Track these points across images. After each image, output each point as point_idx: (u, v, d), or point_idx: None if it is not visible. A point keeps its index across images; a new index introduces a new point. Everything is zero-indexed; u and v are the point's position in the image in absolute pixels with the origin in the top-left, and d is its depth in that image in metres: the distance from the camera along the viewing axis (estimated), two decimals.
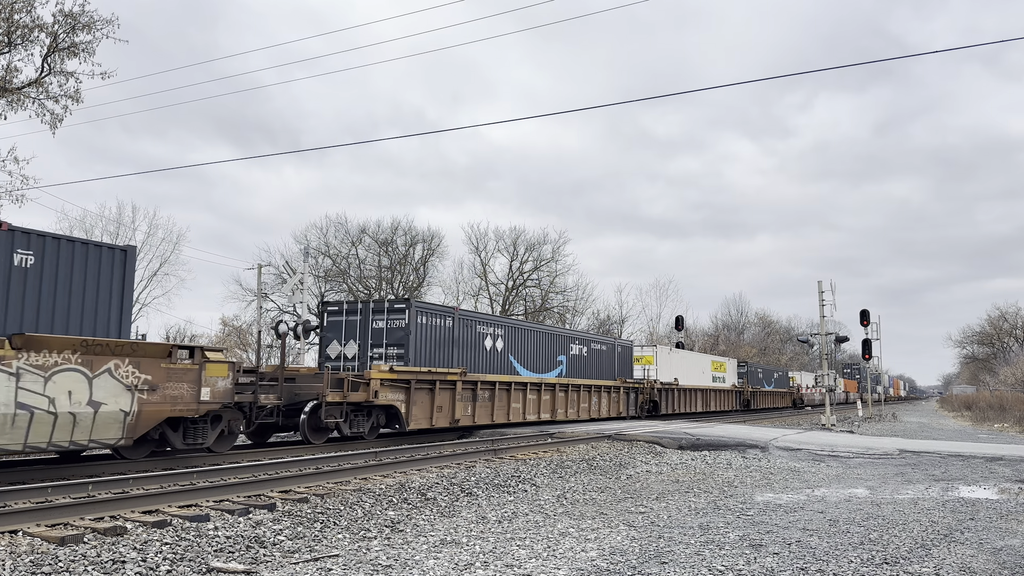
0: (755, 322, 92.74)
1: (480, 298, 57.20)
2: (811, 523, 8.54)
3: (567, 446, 17.21)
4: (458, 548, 7.10)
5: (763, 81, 26.43)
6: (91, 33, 22.89)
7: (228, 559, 6.49)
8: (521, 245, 57.07)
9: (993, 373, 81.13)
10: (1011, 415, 41.15)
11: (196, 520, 7.77)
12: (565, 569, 6.33)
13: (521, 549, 7.09)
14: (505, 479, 11.75)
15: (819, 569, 6.35)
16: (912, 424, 38.47)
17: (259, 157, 45.38)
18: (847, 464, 15.21)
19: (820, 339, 34.75)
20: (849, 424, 33.65)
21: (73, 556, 6.24)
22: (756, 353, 78.22)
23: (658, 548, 7.16)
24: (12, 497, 8.62)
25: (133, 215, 45.80)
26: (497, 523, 8.48)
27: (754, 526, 8.34)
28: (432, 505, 9.55)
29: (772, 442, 18.03)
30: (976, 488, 11.88)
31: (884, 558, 6.82)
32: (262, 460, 13.41)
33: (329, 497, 9.52)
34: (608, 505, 9.89)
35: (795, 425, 30.85)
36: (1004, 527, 8.48)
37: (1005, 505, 10.11)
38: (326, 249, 52.82)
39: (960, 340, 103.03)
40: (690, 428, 21.88)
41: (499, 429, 21.72)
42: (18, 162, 23.07)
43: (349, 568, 6.23)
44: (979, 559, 6.85)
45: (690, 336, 69.91)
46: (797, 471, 14.02)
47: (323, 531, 7.78)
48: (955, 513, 9.41)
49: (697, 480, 12.56)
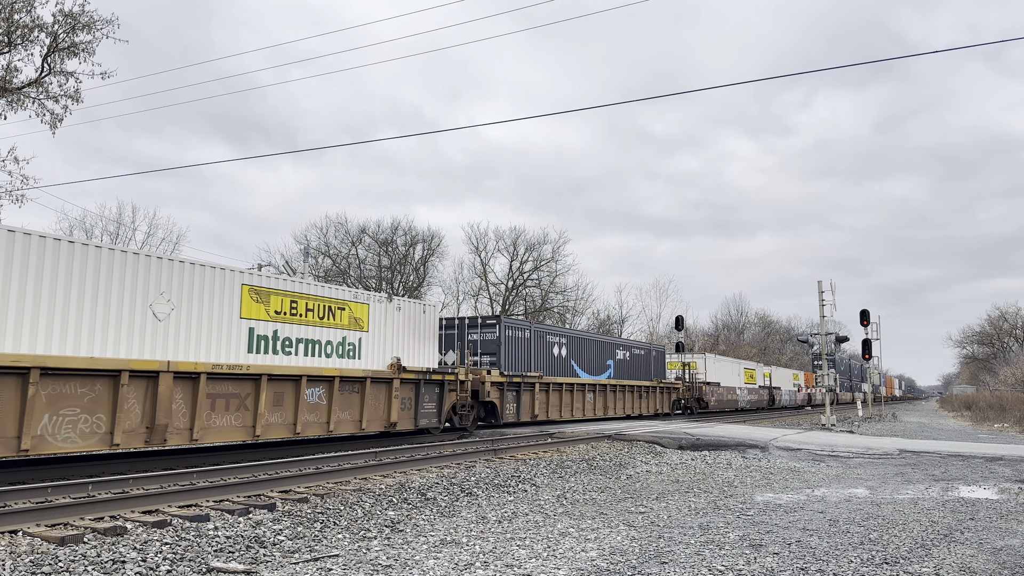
0: (755, 322, 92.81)
1: (480, 298, 57.24)
2: (811, 523, 8.54)
3: (567, 446, 17.21)
4: (458, 548, 7.10)
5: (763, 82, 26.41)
6: (91, 33, 22.94)
7: (228, 559, 6.49)
8: (521, 245, 57.14)
9: (993, 373, 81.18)
10: (1011, 415, 41.16)
11: (196, 520, 7.77)
12: (565, 569, 6.33)
13: (521, 549, 7.09)
14: (505, 479, 11.76)
15: (819, 569, 6.35)
16: (912, 424, 38.47)
17: (257, 157, 45.23)
18: (847, 464, 15.21)
19: (820, 339, 34.75)
20: (849, 424, 33.65)
21: (73, 556, 6.24)
22: (756, 353, 78.22)
23: (658, 548, 7.16)
24: (12, 497, 8.63)
25: (133, 215, 45.68)
26: (497, 523, 8.48)
27: (754, 526, 8.34)
28: (432, 505, 9.55)
29: (772, 442, 18.03)
30: (976, 488, 11.88)
31: (884, 558, 6.82)
32: (262, 460, 13.41)
33: (329, 497, 9.52)
34: (608, 505, 9.89)
35: (795, 425, 30.85)
36: (1004, 527, 8.48)
37: (1005, 505, 10.11)
38: (326, 249, 52.87)
39: (960, 340, 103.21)
40: (690, 428, 21.89)
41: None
42: (18, 162, 23.10)
43: (349, 568, 6.23)
44: (979, 559, 6.85)
45: (690, 336, 69.90)
46: (797, 471, 14.02)
47: (323, 531, 7.78)
48: (955, 513, 9.41)
49: (697, 480, 12.56)
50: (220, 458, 14.01)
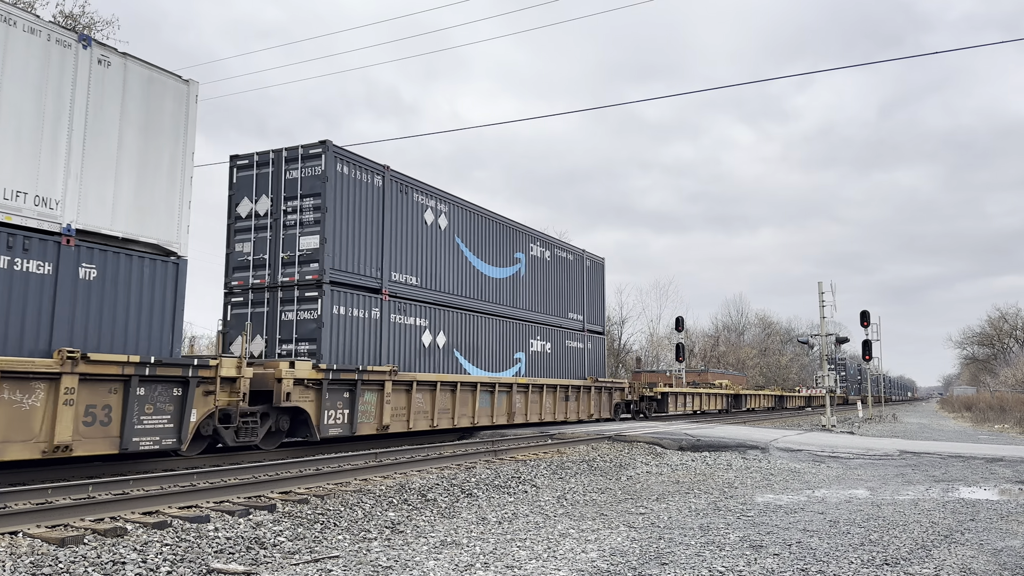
0: (755, 323, 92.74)
1: None
2: (811, 524, 8.54)
3: (567, 447, 17.22)
4: (458, 549, 7.10)
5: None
6: (91, 34, 22.93)
7: (228, 560, 6.49)
8: None
9: (993, 374, 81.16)
10: (1011, 416, 41.16)
11: (196, 521, 7.77)
12: (565, 570, 6.33)
13: (521, 550, 7.09)
14: (505, 480, 11.76)
15: (820, 570, 6.35)
16: (912, 425, 38.47)
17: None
18: (847, 465, 15.21)
19: (820, 340, 34.76)
20: (849, 425, 33.66)
21: (73, 557, 6.24)
22: (756, 354, 78.21)
23: (658, 549, 7.16)
24: (12, 498, 8.62)
25: None
26: (497, 524, 8.48)
27: (754, 527, 8.34)
28: (432, 506, 9.55)
29: (772, 443, 18.03)
30: (976, 489, 11.88)
31: (885, 559, 6.82)
32: (263, 461, 13.41)
33: (329, 498, 9.52)
34: (608, 506, 9.89)
35: (795, 426, 30.86)
36: (1004, 528, 8.48)
37: (1006, 506, 10.11)
38: None
39: (960, 341, 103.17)
40: (690, 429, 21.88)
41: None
42: None
43: (349, 569, 6.23)
44: (979, 560, 6.85)
45: (690, 337, 69.91)
46: (797, 472, 14.02)
47: (323, 532, 7.78)
48: (955, 514, 9.41)
49: (697, 481, 12.56)
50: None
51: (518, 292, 23.17)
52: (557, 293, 25.55)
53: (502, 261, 22.45)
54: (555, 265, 25.54)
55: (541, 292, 24.49)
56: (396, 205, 18.15)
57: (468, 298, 20.70)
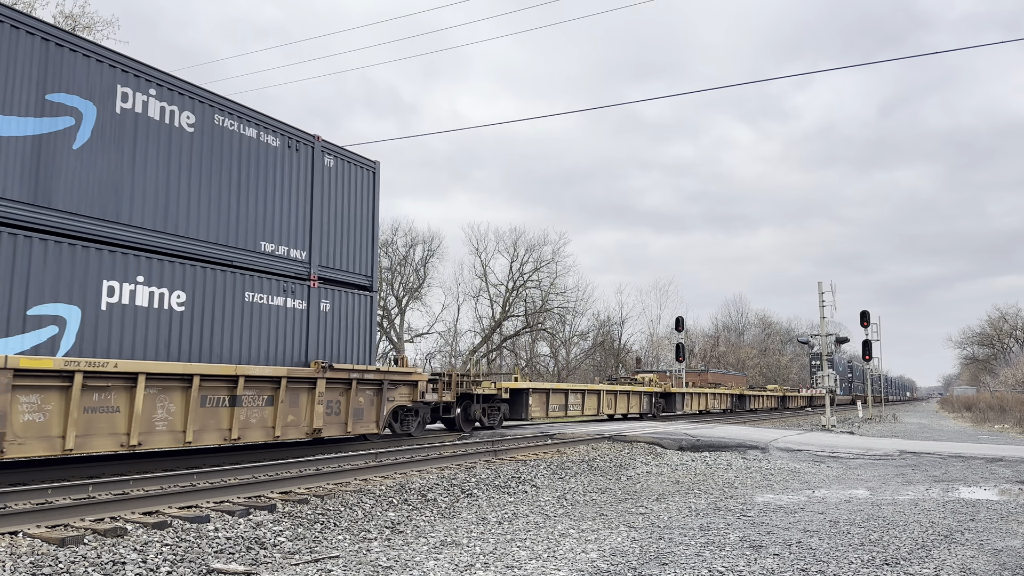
0: (755, 323, 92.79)
1: (480, 299, 57.26)
2: (811, 524, 8.54)
3: (567, 447, 17.22)
4: (458, 549, 7.10)
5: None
6: (91, 34, 22.94)
7: (228, 560, 6.50)
8: (521, 246, 57.08)
9: (993, 374, 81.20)
10: (1011, 416, 41.17)
11: (196, 521, 7.78)
12: (565, 570, 6.33)
13: (521, 550, 7.09)
14: (505, 480, 11.76)
15: (820, 570, 6.35)
16: (912, 425, 38.48)
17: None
18: (847, 465, 15.21)
19: (820, 340, 34.77)
20: (849, 425, 33.66)
21: (73, 557, 6.24)
22: (756, 354, 78.25)
23: (658, 549, 7.16)
24: (12, 498, 8.63)
25: None
26: (497, 524, 8.48)
27: (754, 527, 8.34)
28: (432, 506, 9.55)
29: (772, 443, 18.03)
30: (976, 489, 11.88)
31: (885, 559, 6.82)
32: (263, 461, 13.41)
33: (329, 498, 9.52)
34: (608, 506, 9.89)
35: (795, 426, 30.86)
36: (1005, 528, 8.48)
37: (1006, 506, 10.11)
38: None
39: (960, 341, 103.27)
40: (690, 429, 21.88)
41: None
42: None
43: (349, 569, 6.23)
44: (980, 560, 6.85)
45: (690, 337, 69.92)
46: (797, 472, 14.02)
47: (323, 532, 7.78)
48: (955, 514, 9.41)
49: (697, 481, 12.56)
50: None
51: (63, 169, 11.55)
52: (220, 197, 14.13)
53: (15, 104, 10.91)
54: (214, 142, 14.08)
55: (153, 182, 12.90)
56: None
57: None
